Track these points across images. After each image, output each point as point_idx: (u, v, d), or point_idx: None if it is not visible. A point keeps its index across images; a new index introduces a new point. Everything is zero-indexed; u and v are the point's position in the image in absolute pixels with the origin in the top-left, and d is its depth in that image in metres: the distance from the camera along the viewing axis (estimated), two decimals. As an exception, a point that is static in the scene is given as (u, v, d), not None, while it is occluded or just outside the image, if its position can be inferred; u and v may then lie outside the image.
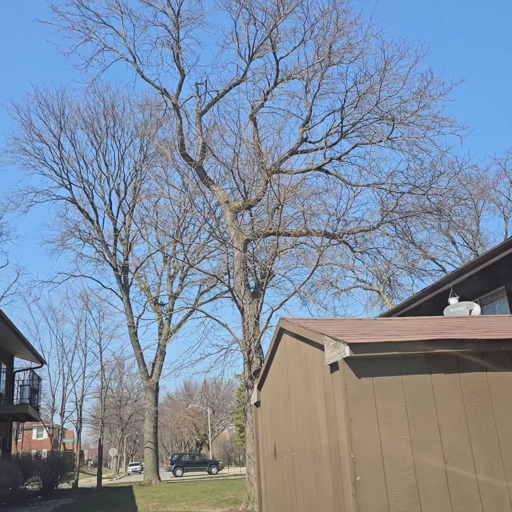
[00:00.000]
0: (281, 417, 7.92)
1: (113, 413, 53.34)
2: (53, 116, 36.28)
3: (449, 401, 5.51)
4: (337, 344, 5.51)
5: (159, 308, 37.41)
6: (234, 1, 19.99)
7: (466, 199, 23.54)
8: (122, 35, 21.08)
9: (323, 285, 25.84)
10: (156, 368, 36.87)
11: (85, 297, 41.63)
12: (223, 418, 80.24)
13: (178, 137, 20.62)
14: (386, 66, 19.29)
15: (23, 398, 23.20)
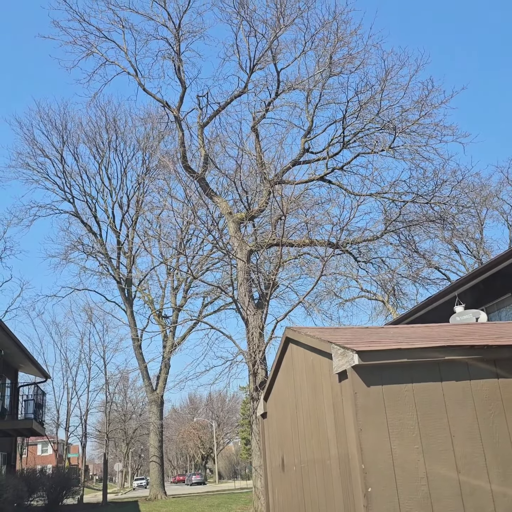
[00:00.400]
0: (289, 428, 7.81)
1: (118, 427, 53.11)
2: (55, 131, 36.50)
3: (461, 409, 5.40)
4: (345, 352, 5.42)
5: (163, 320, 37.31)
6: (235, 14, 20.13)
7: (469, 207, 23.50)
8: (123, 49, 21.22)
9: (327, 295, 25.72)
10: (161, 381, 36.71)
11: (88, 311, 41.65)
12: (228, 431, 79.78)
13: (180, 150, 20.66)
14: (387, 75, 19.36)
15: (27, 413, 23.07)
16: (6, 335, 18.70)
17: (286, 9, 19.67)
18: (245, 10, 19.96)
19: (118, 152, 37.39)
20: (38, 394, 24.13)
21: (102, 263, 37.29)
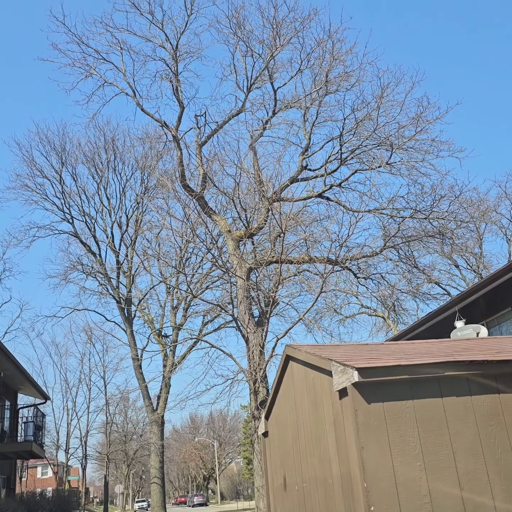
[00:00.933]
0: (290, 446, 7.75)
1: (118, 448, 52.65)
2: (54, 152, 36.70)
3: (463, 425, 5.37)
4: (345, 369, 5.40)
5: (163, 339, 37.18)
6: (232, 35, 20.37)
7: (467, 222, 23.55)
8: (122, 70, 21.41)
9: (328, 312, 25.70)
10: (161, 400, 36.47)
11: (88, 331, 41.56)
12: (230, 450, 79.07)
13: (178, 169, 20.76)
14: (383, 92, 19.52)
15: (27, 435, 22.87)
16: (6, 357, 18.62)
17: (282, 29, 19.93)
18: (241, 31, 20.22)
19: (116, 172, 37.61)
20: (37, 416, 23.95)
21: (101, 283, 37.28)
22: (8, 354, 18.57)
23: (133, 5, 20.26)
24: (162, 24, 20.61)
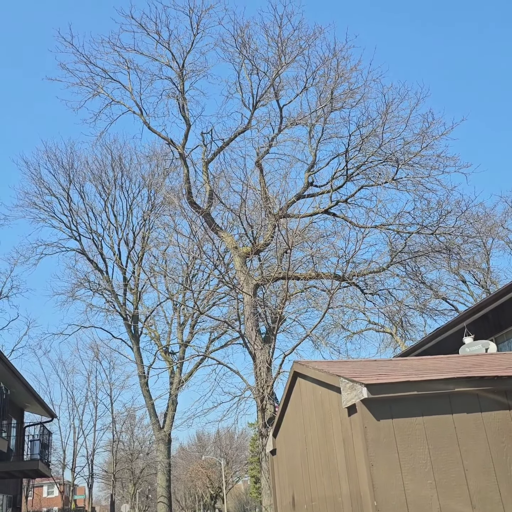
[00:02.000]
0: (299, 464, 7.67)
1: (124, 467, 52.25)
2: (62, 170, 36.97)
3: (474, 442, 5.30)
4: (354, 385, 5.36)
5: (169, 356, 37.05)
6: (237, 53, 20.59)
7: (474, 237, 23.48)
8: (129, 89, 21.64)
9: (335, 328, 25.58)
10: (168, 418, 36.24)
11: (95, 348, 41.49)
12: (237, 469, 78.31)
13: (185, 186, 20.87)
14: (388, 109, 19.63)
15: (33, 453, 22.74)
16: (13, 374, 18.60)
17: (287, 48, 20.14)
18: (247, 49, 20.43)
19: (123, 189, 37.80)
20: (44, 434, 23.84)
21: (108, 300, 37.29)
22: (15, 371, 18.55)
23: (139, 25, 20.57)
24: (169, 43, 20.88)
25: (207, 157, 21.67)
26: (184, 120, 21.47)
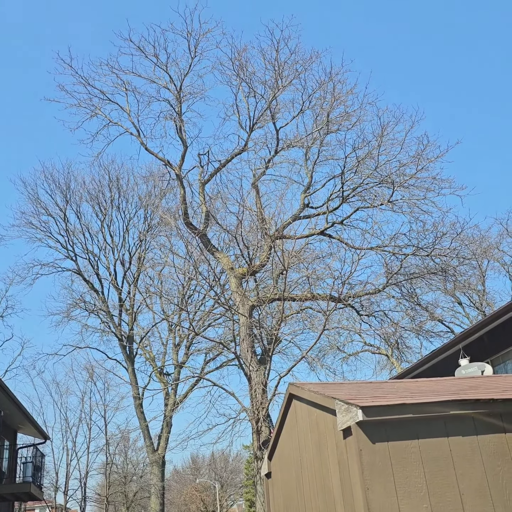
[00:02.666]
0: (294, 488, 7.60)
1: (118, 490, 51.46)
2: (59, 190, 37.07)
3: (469, 466, 5.28)
4: (349, 408, 5.35)
5: (164, 378, 36.79)
6: (234, 76, 20.84)
7: (470, 259, 23.60)
8: (126, 110, 21.84)
9: (331, 349, 25.52)
10: (162, 440, 35.86)
11: (90, 369, 41.14)
12: (232, 492, 77.29)
13: (181, 207, 20.95)
14: (383, 131, 19.86)
15: (25, 476, 22.42)
16: (6, 396, 18.43)
17: (284, 71, 20.40)
18: (244, 73, 20.70)
19: (120, 210, 37.89)
20: (37, 456, 23.54)
21: (103, 320, 37.14)
22: (9, 392, 18.39)
23: (138, 49, 20.83)
24: (167, 66, 21.14)
25: (204, 178, 21.80)
26: (181, 142, 21.64)
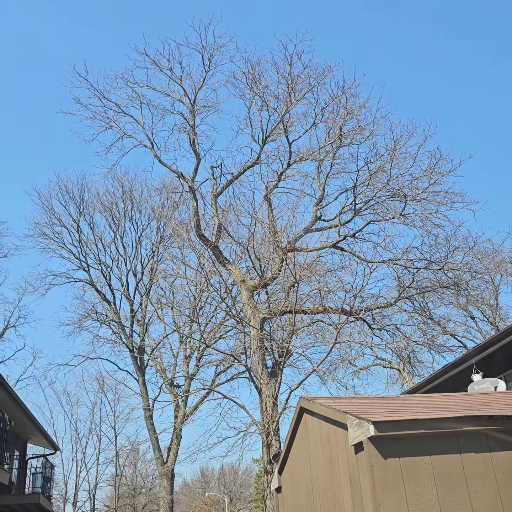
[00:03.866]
0: (304, 503, 7.53)
1: (127, 502, 51.24)
2: (73, 201, 37.39)
3: (482, 483, 5.21)
4: (360, 422, 5.31)
5: (175, 389, 36.72)
6: (248, 90, 20.98)
7: (482, 273, 23.42)
8: (141, 123, 22.06)
9: (342, 363, 25.32)
10: (172, 453, 35.71)
11: (100, 380, 41.18)
12: (241, 506, 76.68)
13: (194, 219, 21.05)
14: (396, 145, 19.85)
15: (35, 487, 22.39)
16: (17, 406, 18.49)
17: (297, 85, 20.51)
18: (257, 86, 20.82)
19: (133, 221, 38.11)
20: (46, 467, 23.53)
21: (115, 331, 37.22)
22: (20, 402, 18.45)
23: (153, 62, 21.06)
24: (181, 79, 21.34)
25: (216, 190, 21.90)
26: (195, 154, 21.78)
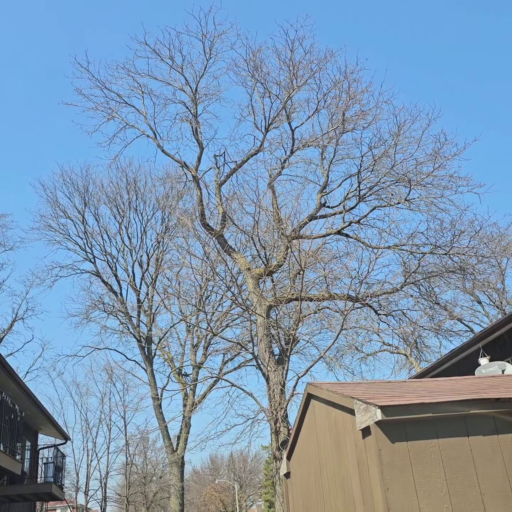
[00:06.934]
0: (313, 487, 7.59)
1: (137, 490, 51.73)
2: (77, 193, 37.48)
3: (490, 465, 5.23)
4: (368, 407, 5.33)
5: (183, 378, 36.94)
6: (249, 77, 20.87)
7: (489, 257, 23.30)
8: (143, 113, 22.00)
9: (349, 349, 25.36)
10: (181, 441, 36.01)
11: (109, 370, 41.45)
12: (251, 493, 77.34)
13: (198, 208, 21.03)
14: (399, 130, 19.74)
15: (47, 476, 22.63)
16: (28, 397, 18.64)
17: (298, 71, 20.37)
18: (259, 73, 20.70)
19: (138, 212, 38.16)
20: (58, 456, 23.76)
21: (122, 321, 37.42)
22: (30, 394, 18.59)
23: (153, 51, 20.96)
24: (182, 68, 21.24)
25: (220, 179, 21.85)
26: (197, 143, 21.72)
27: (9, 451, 16.33)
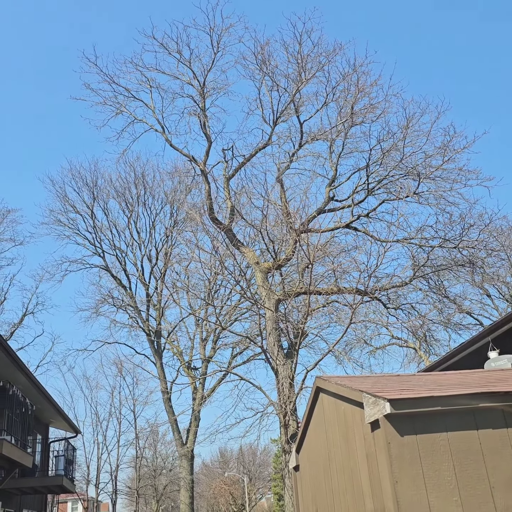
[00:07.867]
0: (322, 481, 7.61)
1: (148, 483, 52.11)
2: (86, 188, 37.63)
3: (500, 459, 5.23)
4: (376, 400, 5.34)
5: (192, 372, 37.10)
6: (257, 70, 20.79)
7: (498, 251, 23.19)
8: (151, 107, 22.00)
9: (358, 343, 25.37)
10: (191, 434, 36.20)
11: (119, 364, 41.74)
12: (260, 486, 77.63)
13: (207, 202, 21.04)
14: (408, 123, 19.63)
15: (58, 469, 22.85)
16: (38, 391, 18.80)
17: (307, 64, 20.27)
18: (267, 66, 20.62)
19: (146, 206, 38.26)
20: (68, 449, 23.97)
21: (131, 315, 37.60)
22: (41, 387, 18.75)
23: (161, 45, 20.93)
24: (190, 62, 21.20)
25: (228, 173, 21.84)
26: (206, 137, 21.70)
27: (20, 444, 16.49)
